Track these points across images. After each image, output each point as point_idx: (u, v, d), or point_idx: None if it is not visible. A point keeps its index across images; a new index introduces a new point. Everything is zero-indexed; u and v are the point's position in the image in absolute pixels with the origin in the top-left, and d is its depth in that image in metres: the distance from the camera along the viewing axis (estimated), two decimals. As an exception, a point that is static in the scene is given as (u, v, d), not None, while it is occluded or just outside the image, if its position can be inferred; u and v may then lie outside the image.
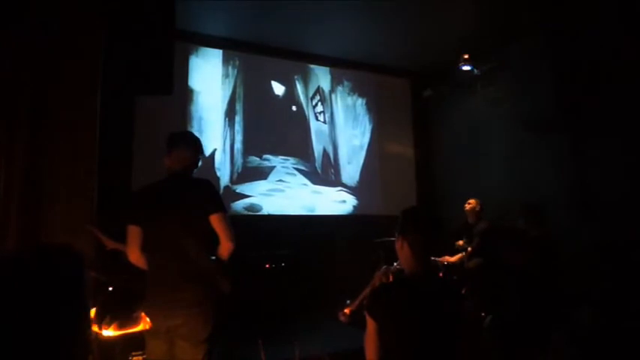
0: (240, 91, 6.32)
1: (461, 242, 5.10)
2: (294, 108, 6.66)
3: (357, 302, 1.94)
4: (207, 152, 5.90)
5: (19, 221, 2.80)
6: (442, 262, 4.94)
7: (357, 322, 1.96)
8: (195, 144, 2.66)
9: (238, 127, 6.25)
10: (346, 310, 1.96)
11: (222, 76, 6.24)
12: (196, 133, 2.84)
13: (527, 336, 3.74)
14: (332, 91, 6.98)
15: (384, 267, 1.95)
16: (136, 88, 3.86)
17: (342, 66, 7.01)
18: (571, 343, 3.63)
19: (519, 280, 4.13)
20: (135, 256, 2.44)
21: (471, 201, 5.19)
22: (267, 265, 5.35)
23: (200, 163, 2.68)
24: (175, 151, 2.55)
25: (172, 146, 2.56)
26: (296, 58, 6.69)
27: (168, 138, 2.60)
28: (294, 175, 6.49)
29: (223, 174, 6.03)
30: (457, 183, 6.53)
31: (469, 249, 4.97)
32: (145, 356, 2.49)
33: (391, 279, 1.90)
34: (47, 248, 0.97)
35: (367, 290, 1.90)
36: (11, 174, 2.82)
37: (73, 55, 3.05)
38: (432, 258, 2.18)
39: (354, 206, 6.82)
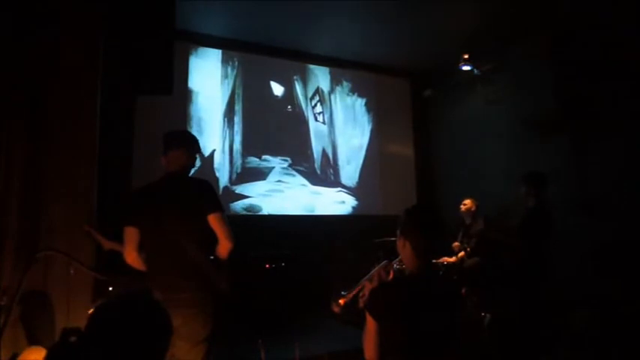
0: (239, 91, 6.32)
1: (457, 244, 5.09)
2: (293, 108, 6.66)
3: (352, 294, 1.92)
4: (207, 153, 5.90)
5: (19, 221, 2.80)
6: (442, 263, 4.94)
7: (349, 316, 1.95)
8: (192, 144, 2.65)
9: (237, 127, 6.24)
10: (341, 301, 1.94)
11: (222, 76, 6.24)
12: (195, 134, 2.83)
13: (526, 335, 3.75)
14: (331, 91, 6.98)
15: (385, 261, 1.93)
16: (136, 88, 3.87)
17: (342, 66, 7.00)
18: (570, 344, 3.63)
19: (516, 277, 4.15)
20: (132, 257, 2.44)
21: (466, 201, 5.18)
22: (267, 265, 5.34)
23: (199, 163, 2.68)
24: (172, 151, 2.54)
25: (168, 146, 2.55)
26: (295, 58, 6.69)
27: (164, 138, 2.59)
28: (294, 175, 6.49)
29: (222, 174, 6.03)
30: (457, 183, 6.53)
31: (468, 249, 4.97)
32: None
33: (391, 275, 1.89)
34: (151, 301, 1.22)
35: (364, 283, 1.89)
36: (11, 174, 2.82)
37: (73, 55, 3.05)
38: (432, 261, 2.16)
39: (353, 206, 6.82)
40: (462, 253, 5.00)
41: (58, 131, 2.97)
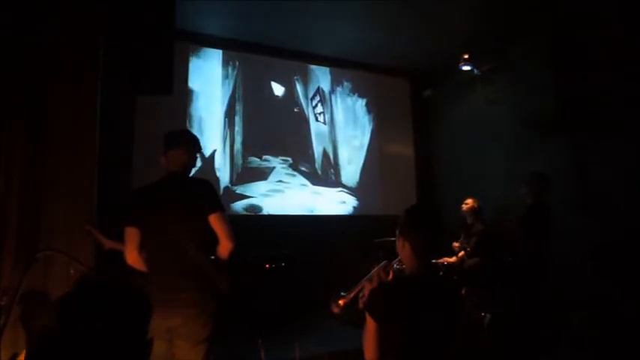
0: (239, 91, 6.32)
1: (457, 244, 5.09)
2: (294, 109, 6.66)
3: (351, 295, 1.92)
4: (207, 153, 5.90)
5: (19, 221, 2.80)
6: (442, 263, 4.94)
7: (349, 316, 1.95)
8: (192, 143, 2.64)
9: (238, 127, 6.24)
10: (340, 302, 1.94)
11: (222, 76, 6.24)
12: (196, 134, 2.82)
13: (527, 335, 3.75)
14: (332, 91, 6.98)
15: (385, 261, 1.93)
16: (136, 88, 3.86)
17: (342, 66, 7.01)
18: (570, 344, 3.63)
19: (516, 276, 4.15)
20: (133, 257, 2.44)
21: (469, 201, 5.17)
22: (267, 265, 5.34)
23: (200, 164, 2.68)
24: (172, 150, 2.53)
25: (169, 146, 2.55)
26: (296, 59, 6.69)
27: (164, 138, 2.59)
28: (294, 175, 6.49)
29: (223, 175, 6.03)
30: (457, 183, 6.53)
31: (468, 249, 4.96)
32: (144, 356, 2.49)
33: (391, 275, 1.89)
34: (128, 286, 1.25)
35: (364, 284, 1.89)
36: (11, 174, 2.82)
37: (74, 55, 3.05)
38: (432, 261, 2.15)
39: (354, 207, 6.82)
40: (462, 253, 5.00)
41: (58, 131, 2.97)
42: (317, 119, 6.80)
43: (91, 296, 1.13)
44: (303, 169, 6.56)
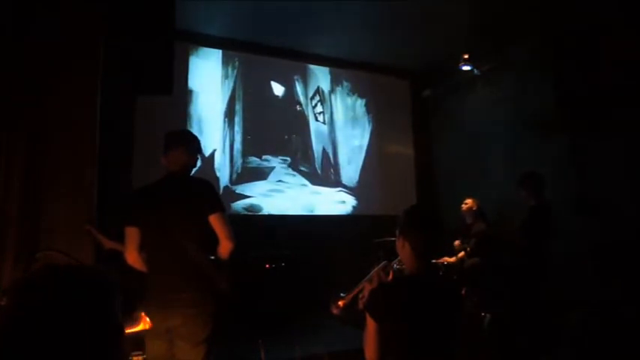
0: (239, 91, 6.32)
1: (457, 242, 5.09)
2: (293, 108, 6.66)
3: (351, 296, 1.93)
4: (207, 153, 5.90)
5: (19, 221, 2.80)
6: (442, 263, 4.94)
7: (349, 317, 1.96)
8: (191, 142, 2.64)
9: (238, 127, 6.24)
10: (340, 303, 1.94)
11: (222, 76, 6.24)
12: (196, 134, 2.83)
13: (527, 335, 3.75)
14: (332, 91, 6.98)
15: (384, 262, 1.93)
16: (136, 88, 3.86)
17: (342, 66, 7.01)
18: (570, 344, 3.63)
19: (516, 276, 4.16)
20: (132, 257, 2.44)
21: (468, 201, 5.16)
22: (267, 265, 5.34)
23: (200, 163, 2.68)
24: (171, 150, 2.54)
25: (169, 146, 2.55)
26: (296, 58, 6.70)
27: (164, 138, 2.59)
28: (294, 175, 6.49)
29: (223, 174, 6.03)
30: (457, 183, 6.53)
31: (468, 249, 4.96)
32: (144, 356, 2.50)
33: (391, 275, 1.89)
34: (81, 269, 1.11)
35: (363, 284, 1.89)
36: (11, 174, 2.82)
37: (73, 55, 3.04)
38: (432, 261, 2.16)
39: (353, 206, 6.82)
40: (462, 254, 5.00)
41: (58, 131, 2.96)
42: (317, 119, 6.80)
43: (42, 287, 1.01)
44: (303, 169, 6.56)
